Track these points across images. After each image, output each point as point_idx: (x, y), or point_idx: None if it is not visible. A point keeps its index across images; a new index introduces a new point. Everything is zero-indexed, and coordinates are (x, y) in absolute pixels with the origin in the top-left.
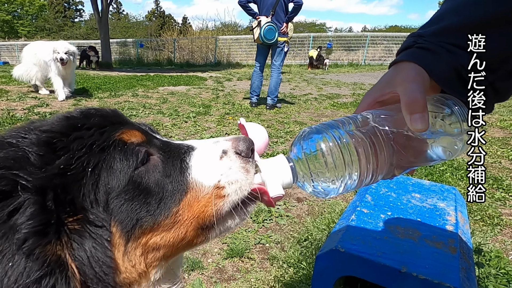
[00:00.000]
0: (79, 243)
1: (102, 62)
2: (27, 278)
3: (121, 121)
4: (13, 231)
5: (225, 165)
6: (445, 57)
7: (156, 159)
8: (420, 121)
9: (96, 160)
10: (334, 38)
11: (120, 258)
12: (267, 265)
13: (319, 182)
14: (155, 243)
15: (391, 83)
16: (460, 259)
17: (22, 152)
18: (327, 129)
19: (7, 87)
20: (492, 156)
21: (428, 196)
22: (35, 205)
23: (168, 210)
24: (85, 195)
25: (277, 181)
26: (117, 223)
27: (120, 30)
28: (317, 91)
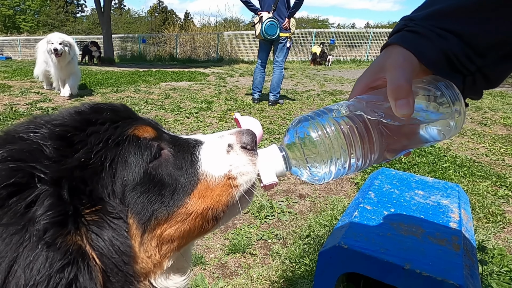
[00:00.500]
0: (97, 233)
1: (104, 57)
2: (50, 268)
3: (131, 116)
4: (33, 223)
5: (234, 158)
6: (434, 41)
7: (167, 153)
8: (404, 107)
9: (112, 155)
10: (337, 34)
11: (137, 248)
12: (269, 261)
13: (311, 168)
14: (169, 235)
15: (381, 69)
16: (463, 256)
17: (36, 145)
18: (316, 116)
19: (9, 82)
20: (495, 153)
21: (431, 193)
22: (53, 197)
23: (182, 201)
24: (103, 187)
25: (271, 169)
26: (133, 215)
27: (122, 25)
28: (319, 88)
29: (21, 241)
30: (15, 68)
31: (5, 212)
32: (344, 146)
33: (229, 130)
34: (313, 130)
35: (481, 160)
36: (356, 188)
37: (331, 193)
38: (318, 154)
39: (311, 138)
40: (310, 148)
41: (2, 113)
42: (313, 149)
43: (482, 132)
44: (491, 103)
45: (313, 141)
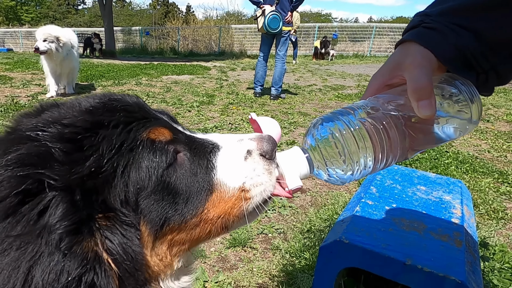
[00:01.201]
0: (111, 239)
1: (106, 50)
2: (68, 276)
3: (146, 116)
4: (48, 231)
5: (250, 167)
6: (450, 37)
7: (183, 157)
8: (427, 107)
9: (125, 161)
10: (340, 28)
11: (149, 254)
12: (270, 255)
13: (334, 169)
14: (180, 239)
15: (399, 66)
16: (465, 253)
17: (45, 148)
18: (338, 117)
19: (11, 74)
20: (498, 150)
21: (433, 188)
22: (66, 204)
23: (195, 209)
24: (116, 196)
25: (295, 173)
26: (146, 222)
27: (124, 18)
28: (321, 82)
29: (36, 250)
30: (17, 60)
31: (18, 220)
32: (368, 146)
33: (249, 134)
34: (338, 131)
35: (484, 156)
36: (357, 183)
37: (332, 188)
38: (343, 154)
39: (337, 138)
40: (334, 149)
41: (4, 104)
42: (337, 150)
43: (484, 128)
44: (494, 99)
45: (338, 142)
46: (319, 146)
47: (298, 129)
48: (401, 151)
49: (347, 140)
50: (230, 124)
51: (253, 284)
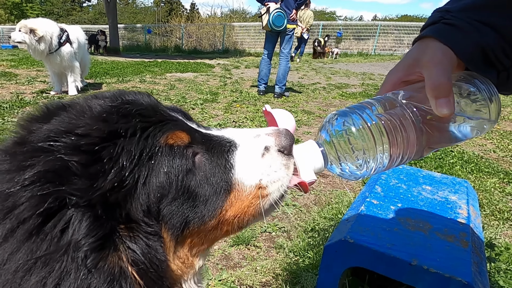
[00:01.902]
0: (134, 249)
1: (110, 47)
2: None
3: (162, 119)
4: (73, 248)
5: (267, 163)
6: (472, 34)
7: (201, 158)
8: (445, 106)
9: (146, 171)
10: (344, 27)
11: (171, 258)
12: (273, 253)
13: (348, 164)
14: (200, 240)
15: (417, 63)
16: (472, 253)
17: (61, 162)
18: (355, 111)
19: (16, 71)
20: (503, 149)
21: (439, 188)
22: (89, 219)
23: (214, 210)
24: (138, 206)
25: (309, 166)
26: (167, 229)
27: (128, 15)
28: (325, 81)
29: (62, 268)
30: (22, 56)
31: (42, 239)
32: (385, 142)
33: (266, 129)
34: (354, 125)
35: (489, 156)
36: (361, 182)
37: (336, 186)
38: (358, 150)
39: (352, 133)
40: (350, 144)
41: (9, 101)
42: (353, 145)
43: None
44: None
45: (354, 137)
46: (334, 140)
47: (302, 127)
48: (417, 148)
49: (363, 135)
50: (234, 122)
51: (257, 282)
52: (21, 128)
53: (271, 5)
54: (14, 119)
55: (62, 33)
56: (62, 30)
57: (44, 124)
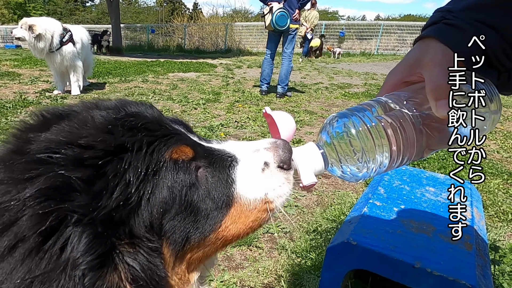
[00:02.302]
0: (134, 266)
1: (112, 47)
2: None
3: (166, 133)
4: (71, 266)
5: (270, 179)
6: (472, 35)
7: (203, 172)
8: (445, 107)
9: (150, 187)
10: (347, 26)
11: (170, 273)
12: (275, 255)
13: (348, 166)
14: (198, 256)
15: (418, 64)
16: (476, 256)
17: (62, 178)
18: (354, 113)
19: (19, 70)
20: (507, 150)
21: (442, 190)
22: (89, 237)
23: (215, 226)
24: (141, 223)
25: (310, 169)
26: (168, 244)
27: (131, 15)
28: (328, 80)
29: (61, 285)
30: (25, 56)
31: (41, 257)
32: (385, 143)
33: (264, 141)
34: (354, 127)
35: (492, 157)
36: (364, 183)
37: (338, 187)
38: (358, 152)
39: (352, 135)
40: (350, 146)
41: (12, 101)
42: (353, 147)
43: (493, 128)
44: (503, 99)
45: (354, 139)
46: (334, 142)
47: (305, 127)
48: (418, 150)
49: (363, 137)
50: (236, 122)
51: (259, 283)
52: (16, 136)
53: (274, 5)
54: (17, 119)
55: (65, 33)
56: (66, 29)
57: (42, 133)
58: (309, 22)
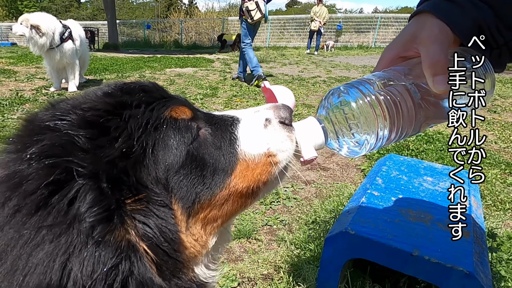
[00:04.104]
0: (144, 222)
1: (109, 43)
2: (104, 267)
3: (164, 96)
4: (79, 221)
5: (272, 134)
6: (468, 10)
7: (205, 132)
8: (442, 83)
9: (153, 140)
10: (344, 19)
11: (184, 233)
12: (275, 246)
13: (348, 140)
14: (213, 216)
15: (415, 39)
16: (473, 243)
17: (67, 137)
18: (354, 87)
19: (15, 68)
20: (504, 141)
21: (440, 179)
22: (95, 191)
23: (223, 181)
24: (147, 175)
25: (310, 143)
26: (177, 200)
27: (127, 11)
28: (325, 74)
29: (69, 241)
30: (21, 54)
31: (49, 212)
32: (385, 116)
33: (264, 105)
34: (354, 100)
35: (490, 147)
36: (362, 174)
37: (337, 179)
38: (356, 126)
39: (352, 108)
40: (350, 120)
41: (8, 98)
42: (352, 121)
43: (491, 119)
44: (501, 89)
45: (353, 111)
46: (332, 116)
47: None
48: (416, 124)
49: (363, 111)
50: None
51: (258, 275)
52: (28, 115)
53: (259, 1)
54: (14, 116)
55: (65, 30)
56: (65, 26)
57: (51, 110)
58: (322, 17)
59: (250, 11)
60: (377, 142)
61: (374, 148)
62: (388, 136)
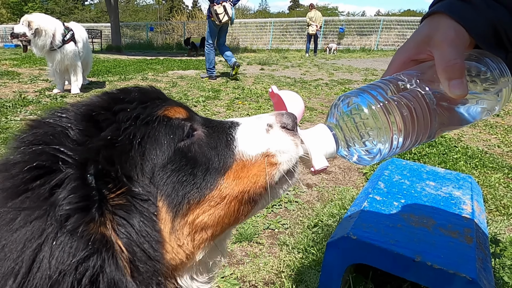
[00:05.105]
0: (125, 217)
1: (112, 45)
2: (73, 258)
3: (161, 97)
4: (55, 208)
5: (272, 137)
6: (484, 11)
7: (200, 133)
8: (458, 87)
9: (142, 133)
10: (347, 22)
11: (167, 235)
12: (276, 250)
13: (361, 148)
14: (203, 222)
15: (429, 41)
16: (476, 249)
17: (61, 128)
18: (365, 91)
19: (19, 70)
20: (508, 144)
21: (443, 184)
22: (77, 180)
23: (215, 182)
24: (132, 166)
25: (321, 152)
26: (163, 197)
27: (130, 13)
28: (328, 77)
29: (43, 227)
30: (24, 56)
31: (28, 196)
32: (399, 123)
33: (268, 113)
34: (366, 106)
35: (493, 151)
36: (364, 178)
37: (339, 183)
38: (369, 133)
39: (364, 115)
40: (360, 127)
41: (12, 100)
42: (364, 128)
43: (494, 123)
44: None
45: (365, 118)
46: (345, 124)
47: (305, 124)
48: (431, 131)
49: (376, 117)
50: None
51: (259, 279)
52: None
53: (226, 5)
54: (17, 118)
55: (68, 32)
56: (68, 28)
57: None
58: (318, 21)
59: (218, 14)
60: (391, 150)
61: (387, 156)
62: (402, 143)
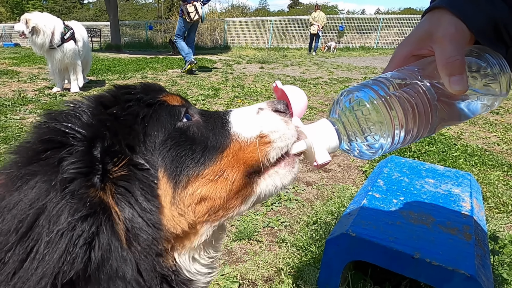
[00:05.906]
0: (126, 187)
1: (111, 44)
2: (71, 216)
3: (162, 90)
4: (61, 172)
5: (264, 118)
6: (484, 7)
7: (197, 118)
8: (459, 83)
9: (144, 112)
10: (346, 20)
11: (168, 204)
12: (276, 248)
13: (360, 143)
14: (202, 194)
15: (429, 37)
16: (475, 246)
17: (74, 112)
18: (367, 86)
19: (18, 69)
20: (507, 142)
21: (442, 181)
22: (83, 152)
23: (213, 159)
24: (135, 137)
25: (323, 146)
26: (163, 168)
27: (130, 12)
28: (327, 75)
29: (49, 189)
30: (24, 54)
31: (40, 164)
32: (401, 118)
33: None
34: (368, 101)
35: (493, 149)
36: (364, 176)
37: (338, 181)
38: (371, 128)
39: (366, 110)
40: (362, 122)
41: (11, 99)
42: (366, 123)
43: (494, 121)
44: None
45: (367, 113)
46: (346, 119)
47: (304, 122)
48: (431, 126)
49: (378, 112)
50: None
51: (259, 277)
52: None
53: (197, 5)
54: (17, 117)
55: (67, 30)
56: (68, 27)
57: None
58: (320, 21)
59: (190, 13)
60: (392, 145)
61: (388, 151)
62: (403, 138)
